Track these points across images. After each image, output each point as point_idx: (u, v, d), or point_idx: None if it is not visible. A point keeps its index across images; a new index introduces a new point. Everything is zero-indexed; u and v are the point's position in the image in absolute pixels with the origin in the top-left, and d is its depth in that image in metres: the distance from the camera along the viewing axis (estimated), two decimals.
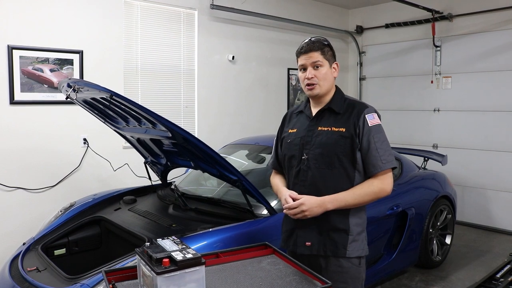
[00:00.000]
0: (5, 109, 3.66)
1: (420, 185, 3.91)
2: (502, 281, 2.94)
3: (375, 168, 1.88)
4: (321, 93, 1.95)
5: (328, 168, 1.91)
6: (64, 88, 2.72)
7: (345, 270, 1.91)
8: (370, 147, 1.88)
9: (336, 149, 1.90)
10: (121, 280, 1.54)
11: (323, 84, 1.94)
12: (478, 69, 5.39)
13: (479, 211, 5.45)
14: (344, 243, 1.90)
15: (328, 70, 1.95)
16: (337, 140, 1.90)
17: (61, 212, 3.13)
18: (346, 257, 1.90)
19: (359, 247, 1.94)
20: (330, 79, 1.97)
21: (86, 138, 4.09)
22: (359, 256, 1.94)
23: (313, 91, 1.94)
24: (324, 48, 1.94)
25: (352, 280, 1.93)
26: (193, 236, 2.34)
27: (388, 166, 1.89)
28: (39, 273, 2.42)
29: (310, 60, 1.93)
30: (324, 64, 1.93)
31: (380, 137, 1.91)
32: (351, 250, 1.91)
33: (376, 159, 1.88)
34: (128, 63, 4.39)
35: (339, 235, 1.91)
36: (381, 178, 1.90)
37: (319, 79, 1.93)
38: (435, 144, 5.82)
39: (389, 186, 1.91)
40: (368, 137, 1.88)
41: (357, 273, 1.95)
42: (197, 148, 2.45)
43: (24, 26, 3.71)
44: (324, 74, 1.93)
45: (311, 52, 1.92)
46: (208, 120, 5.08)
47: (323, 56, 1.93)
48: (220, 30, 5.12)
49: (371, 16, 6.51)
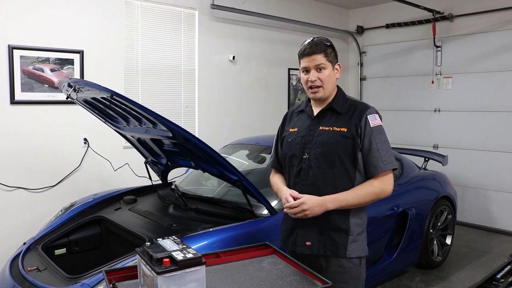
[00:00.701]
0: (5, 108, 3.66)
1: (420, 185, 3.91)
2: (503, 282, 2.95)
3: (376, 169, 1.89)
4: (324, 96, 1.95)
5: (329, 167, 1.91)
6: (65, 88, 2.72)
7: (346, 270, 1.91)
8: (372, 148, 1.88)
9: (337, 148, 1.89)
10: (121, 280, 1.54)
11: (327, 86, 1.93)
12: (478, 70, 5.38)
13: (480, 211, 5.45)
14: (344, 243, 1.90)
15: (331, 72, 1.94)
16: (338, 140, 1.90)
17: (62, 212, 3.13)
18: (346, 257, 1.90)
19: (359, 247, 1.94)
20: (333, 81, 1.95)
21: (86, 138, 4.09)
22: (359, 256, 1.94)
23: (317, 94, 1.93)
24: (327, 49, 1.91)
25: (353, 280, 1.93)
26: (193, 236, 2.34)
27: (389, 167, 1.89)
28: (39, 273, 2.42)
29: (313, 63, 1.90)
30: (327, 67, 1.91)
31: (381, 138, 1.91)
32: (351, 250, 1.91)
33: (377, 160, 1.88)
34: (129, 63, 4.39)
35: (339, 235, 1.91)
36: (382, 179, 1.90)
37: (323, 81, 1.91)
38: (435, 144, 5.82)
39: (389, 187, 1.92)
40: (370, 137, 1.88)
41: (358, 273, 1.95)
42: (198, 148, 2.46)
43: (24, 26, 3.71)
44: (328, 77, 1.92)
45: (314, 54, 1.89)
46: (209, 120, 5.08)
47: (326, 58, 1.90)
48: (221, 30, 5.12)
49: (372, 16, 6.51)
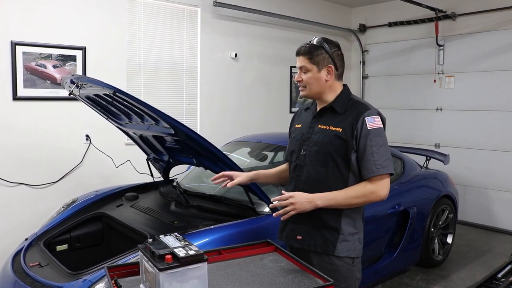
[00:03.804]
0: (8, 105, 3.66)
1: (422, 184, 3.91)
2: (503, 281, 2.94)
3: (369, 172, 1.86)
4: (309, 95, 2.01)
5: (323, 166, 1.92)
6: (67, 84, 2.72)
7: (336, 268, 1.91)
8: (366, 150, 1.86)
9: (330, 148, 1.90)
10: (123, 276, 1.54)
11: (310, 88, 1.98)
12: (481, 69, 5.37)
13: (481, 210, 5.45)
14: (333, 241, 1.91)
15: (316, 75, 1.93)
16: (332, 139, 1.91)
17: (63, 208, 3.14)
18: (335, 256, 1.91)
19: (350, 247, 1.93)
20: (317, 83, 1.95)
21: (88, 134, 4.10)
22: (350, 256, 1.93)
23: (302, 92, 2.03)
24: (314, 52, 1.92)
25: (344, 279, 1.92)
26: (195, 233, 2.35)
27: (382, 171, 1.85)
28: (41, 269, 2.43)
29: (298, 64, 1.99)
30: (311, 69, 1.94)
31: (378, 141, 1.87)
32: (341, 249, 1.91)
33: (371, 163, 1.85)
34: (131, 60, 4.39)
35: (330, 233, 1.92)
36: (376, 183, 1.86)
37: (305, 82, 1.97)
38: (437, 143, 5.81)
39: (383, 190, 1.87)
40: (365, 140, 1.86)
41: (349, 272, 1.94)
42: (200, 145, 2.46)
43: (27, 22, 3.71)
44: (310, 78, 1.95)
45: (299, 55, 1.99)
46: (210, 117, 5.08)
47: (310, 61, 1.93)
48: (223, 28, 5.12)
49: (374, 15, 6.50)
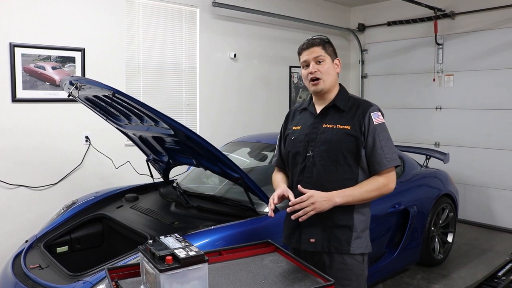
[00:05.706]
0: (7, 106, 3.66)
1: (422, 183, 3.91)
2: (504, 280, 2.95)
3: (380, 166, 1.90)
4: (325, 89, 1.97)
5: (333, 164, 1.92)
6: (66, 86, 2.72)
7: (349, 267, 1.92)
8: (375, 145, 1.90)
9: (341, 146, 1.91)
10: (123, 278, 1.54)
11: (327, 78, 1.96)
12: (480, 67, 5.37)
13: (481, 209, 5.45)
14: (348, 240, 1.91)
15: (331, 65, 1.98)
16: (342, 137, 1.92)
17: (63, 210, 3.14)
18: (350, 254, 1.91)
19: (363, 244, 1.95)
20: (333, 74, 1.99)
21: (88, 135, 4.09)
22: (363, 253, 1.95)
23: (318, 86, 1.96)
24: (325, 44, 1.98)
25: (356, 277, 1.94)
26: (195, 233, 2.34)
27: (392, 164, 1.92)
28: (41, 271, 2.43)
29: (312, 55, 1.95)
30: (326, 59, 1.96)
31: (384, 135, 1.93)
32: (355, 247, 1.92)
33: (381, 157, 1.90)
34: (130, 61, 4.39)
35: (343, 231, 1.92)
36: (386, 176, 1.92)
37: (322, 73, 1.95)
38: (437, 142, 5.81)
39: (392, 183, 1.94)
40: (374, 135, 1.91)
41: (361, 270, 1.96)
42: (199, 145, 2.45)
43: (26, 23, 3.70)
44: (327, 69, 1.96)
45: (313, 47, 1.96)
46: (210, 118, 5.08)
47: (325, 51, 1.97)
48: (222, 28, 5.11)
49: (373, 14, 6.50)
